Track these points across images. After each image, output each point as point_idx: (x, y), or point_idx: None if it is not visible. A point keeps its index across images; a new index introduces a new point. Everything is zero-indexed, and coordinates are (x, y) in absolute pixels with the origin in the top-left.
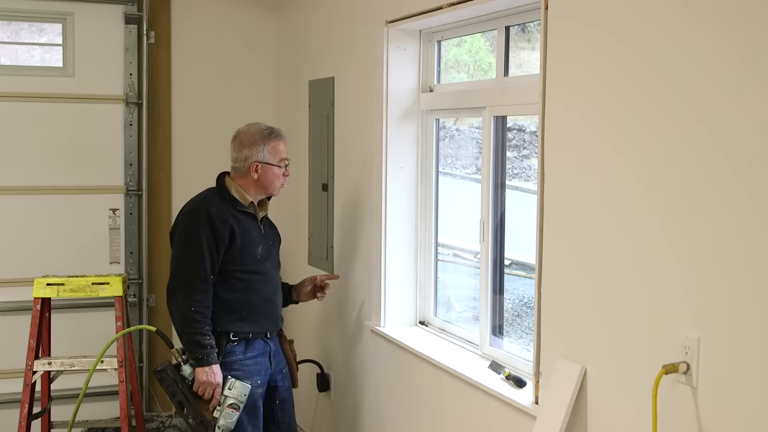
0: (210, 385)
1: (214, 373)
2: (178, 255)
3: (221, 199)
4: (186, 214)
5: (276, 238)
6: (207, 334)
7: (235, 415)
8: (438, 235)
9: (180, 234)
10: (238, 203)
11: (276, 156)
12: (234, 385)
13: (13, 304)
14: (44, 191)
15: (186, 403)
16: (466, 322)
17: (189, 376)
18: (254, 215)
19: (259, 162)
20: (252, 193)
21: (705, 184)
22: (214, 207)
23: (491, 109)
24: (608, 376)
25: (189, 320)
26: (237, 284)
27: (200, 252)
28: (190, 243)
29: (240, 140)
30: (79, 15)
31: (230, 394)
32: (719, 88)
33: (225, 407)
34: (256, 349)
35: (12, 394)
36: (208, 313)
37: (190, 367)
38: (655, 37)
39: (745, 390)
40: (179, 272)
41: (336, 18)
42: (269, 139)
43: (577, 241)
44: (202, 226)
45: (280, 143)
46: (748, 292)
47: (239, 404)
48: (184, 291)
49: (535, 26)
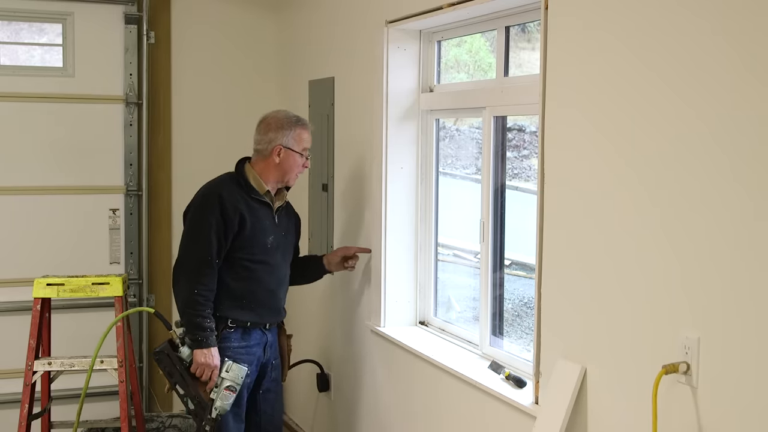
0: (208, 366)
1: (212, 355)
2: (187, 237)
3: (237, 185)
4: (199, 198)
5: (292, 229)
6: (208, 317)
7: (231, 397)
8: (438, 235)
9: (190, 217)
10: (254, 191)
11: (300, 144)
12: (231, 367)
13: (13, 304)
14: (44, 191)
15: (183, 384)
16: (466, 322)
17: (187, 357)
18: (269, 204)
19: (283, 146)
20: (270, 180)
21: (705, 183)
22: (226, 192)
23: (491, 109)
24: (608, 376)
25: (191, 302)
26: (242, 272)
27: (208, 236)
28: (198, 226)
29: (267, 123)
30: (79, 15)
31: (227, 376)
32: (719, 87)
33: (222, 389)
34: (253, 338)
35: (12, 394)
36: (211, 297)
37: (188, 349)
38: (655, 36)
39: (745, 390)
40: (186, 255)
41: (336, 18)
42: (296, 126)
43: (577, 241)
44: (212, 210)
45: (305, 132)
46: (749, 292)
47: (236, 386)
48: (189, 273)
49: (535, 26)
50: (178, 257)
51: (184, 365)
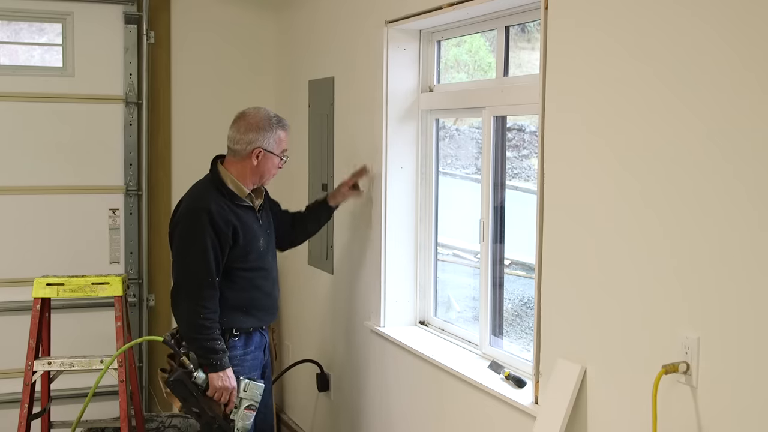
0: (226, 390)
1: (228, 377)
2: (182, 260)
3: (219, 194)
4: (186, 214)
5: (272, 224)
6: (218, 338)
7: (252, 416)
8: (438, 235)
9: (181, 236)
10: (236, 197)
11: (279, 146)
12: (249, 386)
13: (13, 304)
14: (44, 191)
15: (203, 410)
16: (466, 322)
17: (203, 383)
18: (252, 207)
19: (263, 149)
20: (248, 182)
21: (705, 183)
22: (214, 205)
23: (491, 109)
24: (608, 376)
25: (198, 327)
26: (240, 282)
27: (205, 256)
28: (193, 247)
29: (247, 122)
30: (78, 15)
31: (246, 396)
32: (717, 85)
33: (242, 409)
34: (254, 342)
35: (12, 394)
36: (216, 318)
37: (203, 374)
38: (655, 36)
39: (744, 390)
40: (184, 278)
41: (336, 18)
42: (276, 128)
43: (577, 241)
44: (205, 228)
45: (284, 133)
46: (749, 292)
47: (255, 405)
48: (191, 298)
49: (535, 26)
50: (177, 281)
51: (200, 390)
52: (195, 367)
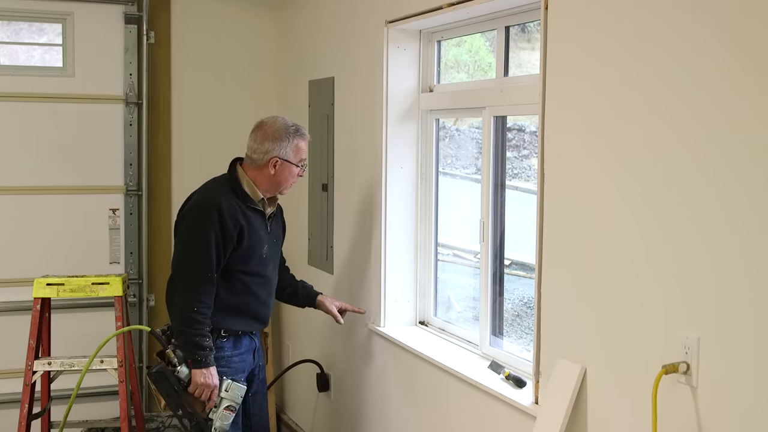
0: (207, 387)
1: (211, 375)
2: (184, 251)
3: (233, 193)
4: (196, 207)
5: (280, 235)
6: (207, 335)
7: (231, 416)
8: (438, 235)
9: (188, 228)
10: (249, 199)
11: (297, 155)
12: (230, 386)
13: (13, 304)
14: (44, 191)
15: (181, 404)
16: (466, 322)
17: (185, 377)
18: (263, 212)
19: (280, 158)
20: (263, 189)
21: (704, 184)
22: (225, 203)
23: (491, 109)
24: (608, 376)
25: (190, 320)
26: (238, 285)
27: (207, 251)
28: (197, 240)
29: (264, 132)
30: (78, 15)
31: (226, 395)
32: (718, 89)
33: (221, 409)
34: (243, 345)
35: (12, 394)
36: (209, 314)
37: (186, 369)
38: (655, 39)
39: (744, 390)
40: (184, 270)
41: (336, 18)
42: (294, 137)
43: (577, 241)
44: (212, 223)
45: (303, 142)
46: (749, 292)
47: (235, 406)
48: (187, 290)
49: (535, 26)
50: (175, 271)
51: (182, 385)
52: (179, 362)
